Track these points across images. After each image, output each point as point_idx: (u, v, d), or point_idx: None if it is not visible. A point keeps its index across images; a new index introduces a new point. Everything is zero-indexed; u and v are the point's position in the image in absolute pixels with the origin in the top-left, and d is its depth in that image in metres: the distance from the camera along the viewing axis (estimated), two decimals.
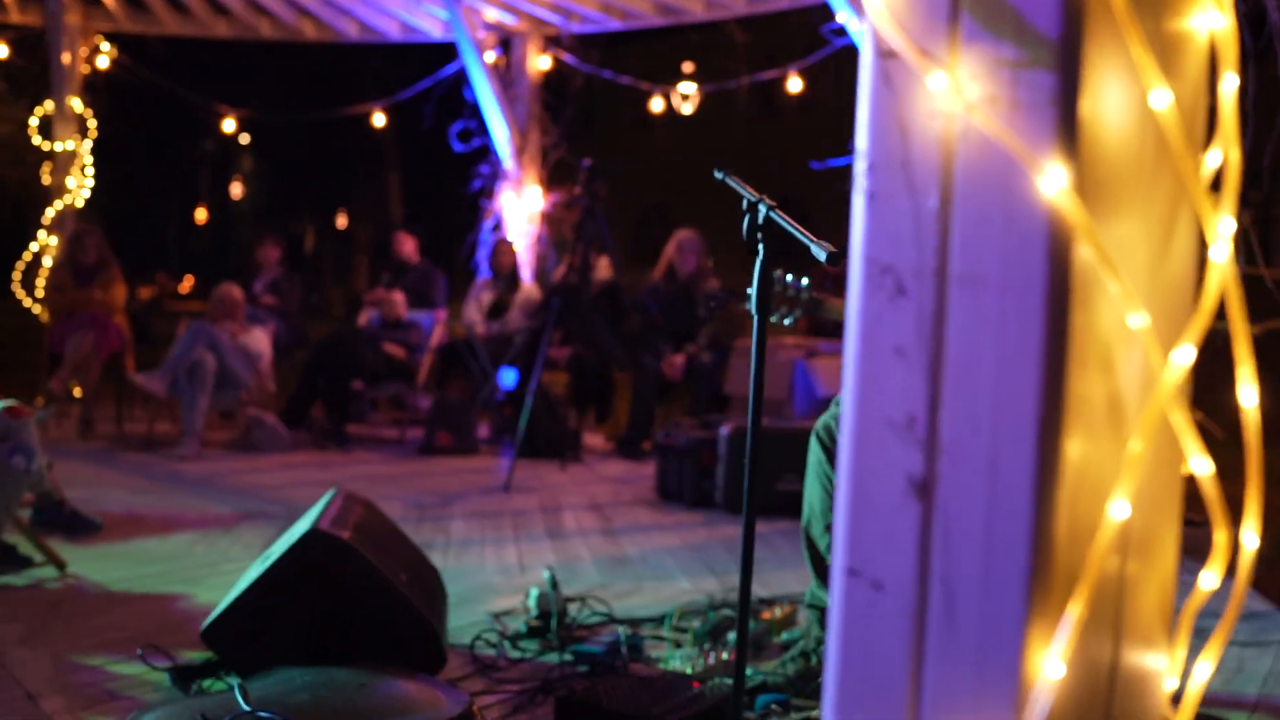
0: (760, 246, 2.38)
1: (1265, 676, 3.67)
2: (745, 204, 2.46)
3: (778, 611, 3.97)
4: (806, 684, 3.28)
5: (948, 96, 1.44)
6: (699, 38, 11.83)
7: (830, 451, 3.28)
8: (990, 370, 1.45)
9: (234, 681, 2.96)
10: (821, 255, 2.24)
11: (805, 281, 3.34)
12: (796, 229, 2.38)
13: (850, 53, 9.54)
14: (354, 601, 3.07)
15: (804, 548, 3.36)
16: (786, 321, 3.36)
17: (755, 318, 2.39)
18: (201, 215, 45.02)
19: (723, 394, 8.55)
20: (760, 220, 2.39)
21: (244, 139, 37.89)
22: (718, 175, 2.77)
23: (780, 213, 2.38)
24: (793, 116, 30.99)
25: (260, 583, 3.07)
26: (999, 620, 1.45)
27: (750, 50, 10.28)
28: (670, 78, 11.42)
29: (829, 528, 3.30)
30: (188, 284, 22.99)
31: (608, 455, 8.49)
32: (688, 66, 11.97)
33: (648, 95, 10.90)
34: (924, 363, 1.48)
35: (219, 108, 11.73)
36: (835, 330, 9.25)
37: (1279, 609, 4.55)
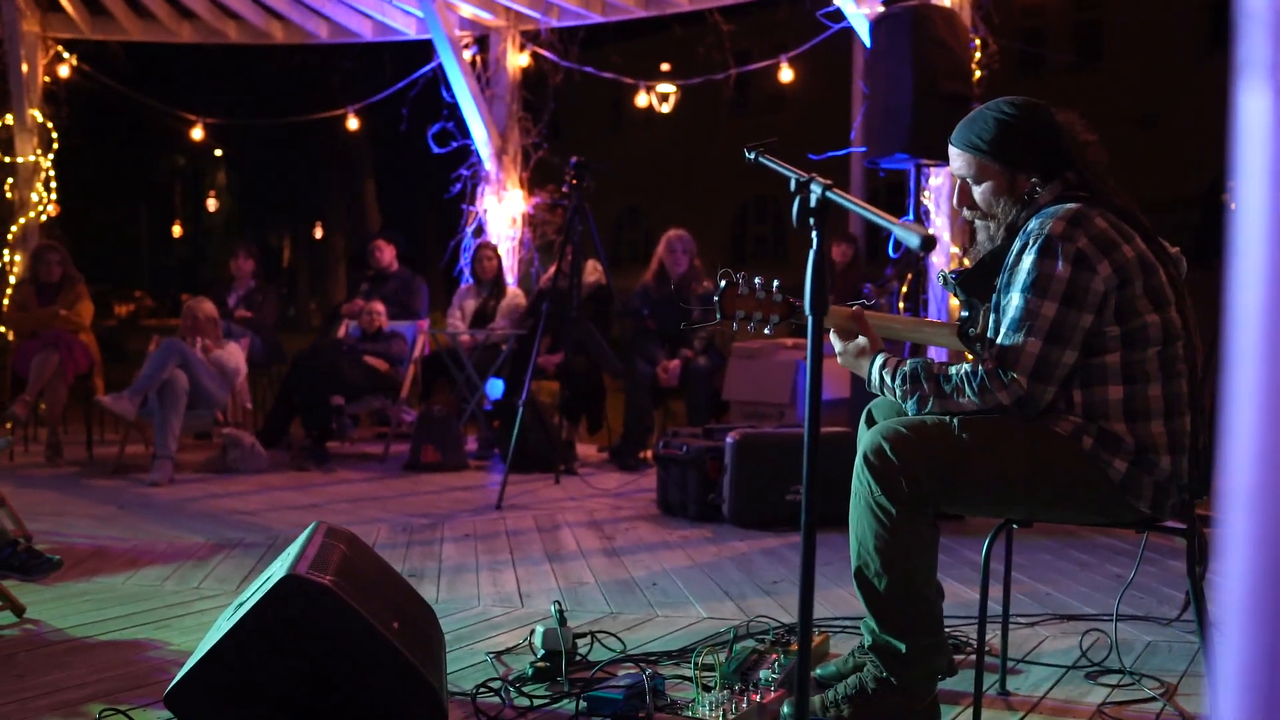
0: (815, 235, 2.00)
1: None
2: (794, 184, 2.08)
3: None
4: None
5: None
6: (679, 35, 11.50)
7: (887, 477, 2.89)
8: None
9: None
10: (914, 241, 1.87)
11: (777, 284, 2.99)
12: (870, 210, 2.01)
13: (842, 40, 9.26)
14: (339, 656, 2.69)
15: (858, 591, 2.99)
16: (766, 331, 3.02)
17: (810, 318, 2.02)
18: (176, 230, 44.52)
19: (721, 400, 8.20)
20: (814, 203, 2.02)
21: (217, 151, 37.49)
22: (749, 155, 2.40)
23: (840, 192, 2.01)
24: (769, 114, 30.69)
25: (231, 637, 2.68)
26: None
27: (733, 43, 9.94)
28: (650, 77, 11.06)
29: (886, 567, 2.92)
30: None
31: (602, 466, 8.12)
32: (665, 66, 11.62)
33: (621, 96, 10.57)
34: None
35: (186, 115, 11.30)
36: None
37: None
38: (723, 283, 3.01)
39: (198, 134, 11.31)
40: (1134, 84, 25.04)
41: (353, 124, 11.17)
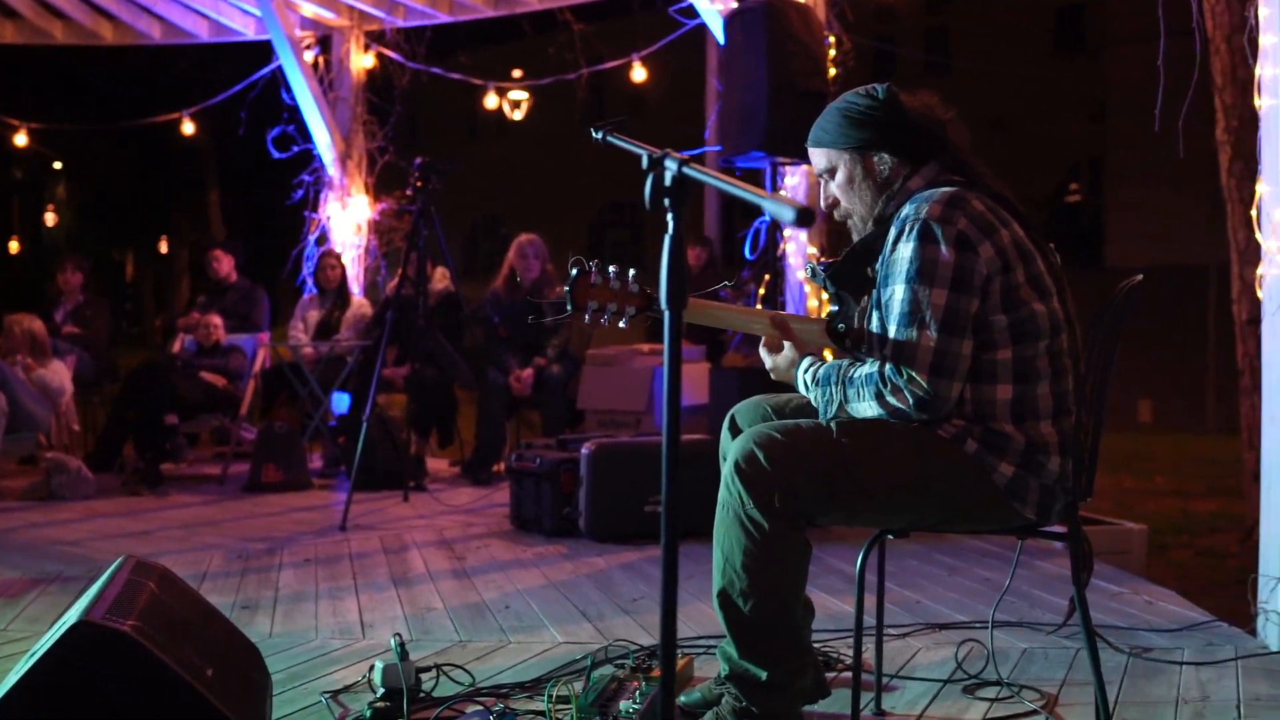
0: (671, 219, 1.76)
1: (1239, 704, 3.18)
2: (646, 161, 1.83)
3: None
4: None
5: None
6: (530, 39, 11.27)
7: (760, 488, 2.65)
8: None
9: None
10: (788, 214, 1.63)
11: (633, 273, 2.76)
12: (738, 185, 1.77)
13: (696, 37, 9.09)
14: (142, 711, 2.37)
15: (720, 613, 2.75)
16: (622, 324, 2.78)
17: (667, 312, 1.77)
18: (13, 245, 42.84)
19: (576, 409, 7.96)
20: (670, 181, 1.77)
21: (56, 164, 36.13)
22: (596, 134, 2.16)
23: (700, 167, 1.77)
24: (625, 118, 30.57)
25: (17, 693, 2.35)
26: None
27: (586, 45, 9.74)
28: (502, 82, 10.79)
29: (754, 586, 2.68)
30: None
31: (454, 482, 7.81)
32: (517, 72, 11.37)
33: (476, 103, 10.28)
34: None
35: (9, 120, 10.67)
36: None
37: (1218, 619, 4.12)
38: (574, 271, 2.75)
39: (21, 140, 10.68)
40: (983, 88, 25.48)
41: (188, 128, 10.66)
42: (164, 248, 34.58)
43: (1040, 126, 24.84)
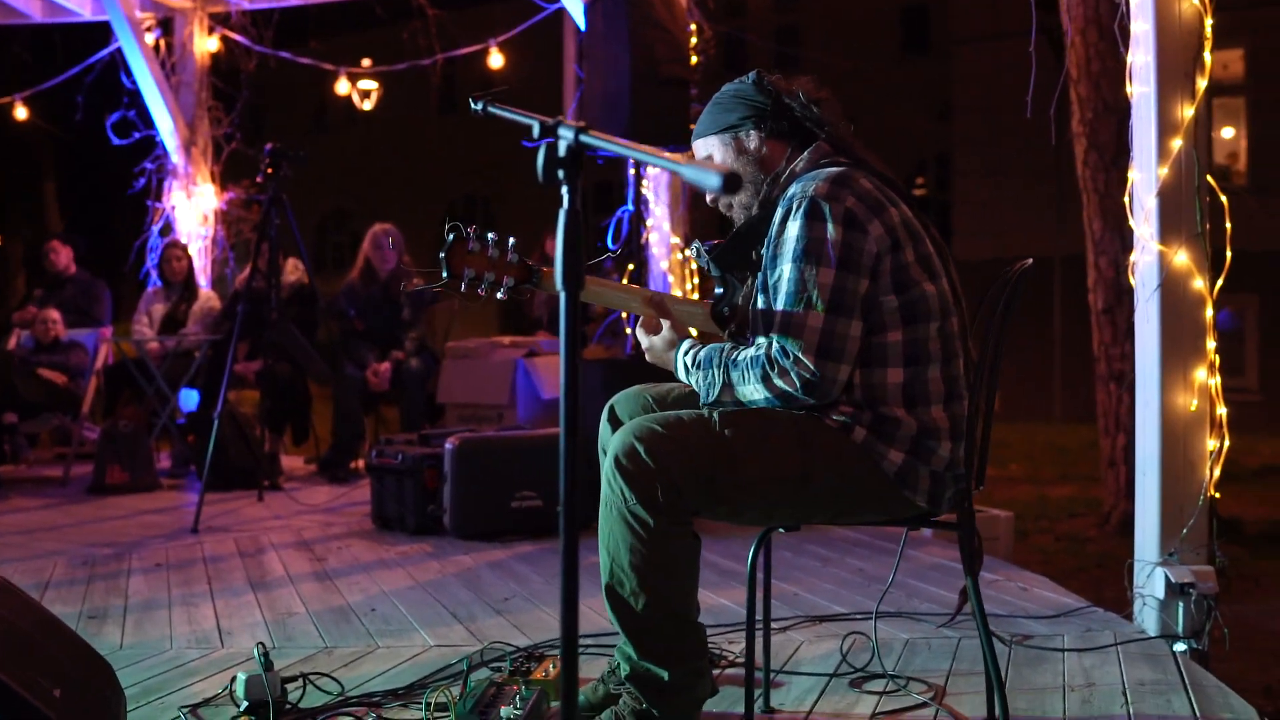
0: (565, 192, 1.62)
1: (1124, 689, 3.15)
2: (537, 130, 1.69)
3: (551, 669, 3.22)
4: None
5: None
6: (383, 25, 10.98)
7: (642, 484, 2.52)
8: None
9: None
10: (713, 181, 1.50)
11: (513, 241, 2.63)
12: (649, 152, 1.64)
13: (554, 23, 8.93)
14: None
15: (611, 612, 2.61)
16: (500, 295, 2.65)
17: (563, 292, 1.63)
18: None
19: (436, 403, 7.77)
20: (565, 151, 1.63)
21: None
22: (475, 106, 2.01)
23: (597, 133, 1.63)
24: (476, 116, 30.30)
25: None
26: None
27: (440, 32, 9.52)
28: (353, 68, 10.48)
29: (644, 585, 2.56)
30: None
31: (310, 480, 7.56)
32: (367, 61, 11.08)
33: (326, 94, 9.99)
34: None
35: None
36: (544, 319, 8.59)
37: (1093, 605, 4.12)
38: (450, 236, 2.59)
39: None
40: (832, 85, 25.75)
41: (21, 114, 10.14)
42: None
43: (888, 123, 25.20)
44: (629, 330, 6.91)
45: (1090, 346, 7.67)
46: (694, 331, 2.90)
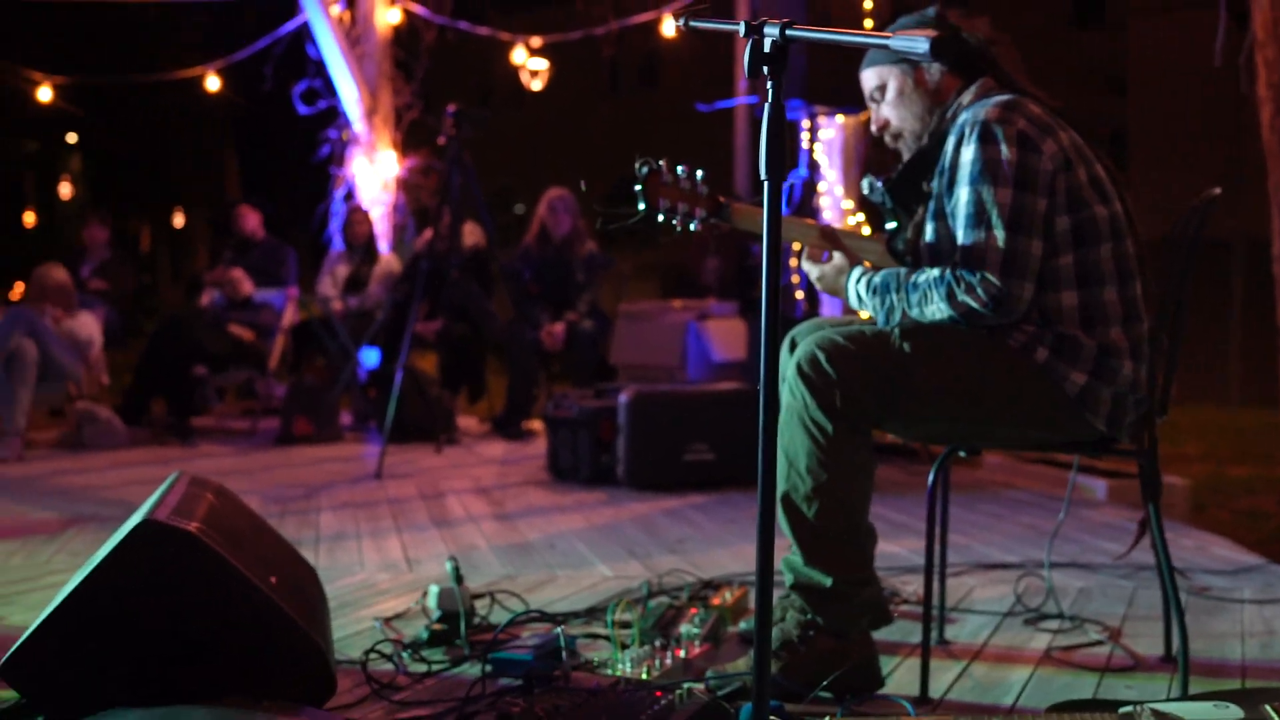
0: (770, 87, 1.69)
1: None
2: (744, 30, 1.76)
3: (728, 596, 3.30)
4: (799, 678, 2.61)
5: None
6: (556, 9, 11.14)
7: (822, 390, 2.59)
8: None
9: None
10: (921, 45, 1.56)
11: (701, 174, 2.69)
12: (854, 33, 1.70)
13: None
14: (207, 614, 2.31)
15: (784, 518, 2.67)
16: (692, 227, 2.71)
17: (766, 182, 1.70)
18: (29, 218, 42.83)
19: (607, 364, 7.89)
20: (768, 48, 1.70)
21: (70, 136, 36.05)
22: (678, 22, 2.08)
23: (803, 26, 1.69)
24: (646, 87, 30.50)
25: (79, 595, 2.29)
26: None
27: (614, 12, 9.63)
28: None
29: (818, 490, 2.62)
30: (18, 290, 21.56)
31: (485, 437, 7.76)
32: (537, 41, 11.27)
33: (494, 75, 10.18)
34: None
35: (32, 75, 10.55)
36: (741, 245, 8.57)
37: (1272, 561, 4.05)
38: (644, 169, 2.67)
39: (45, 95, 10.56)
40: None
41: (213, 84, 10.54)
42: (179, 220, 34.47)
43: (1059, 98, 24.65)
44: (796, 279, 6.93)
45: (1272, 324, 7.43)
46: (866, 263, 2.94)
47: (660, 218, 2.68)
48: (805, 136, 7.03)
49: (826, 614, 2.65)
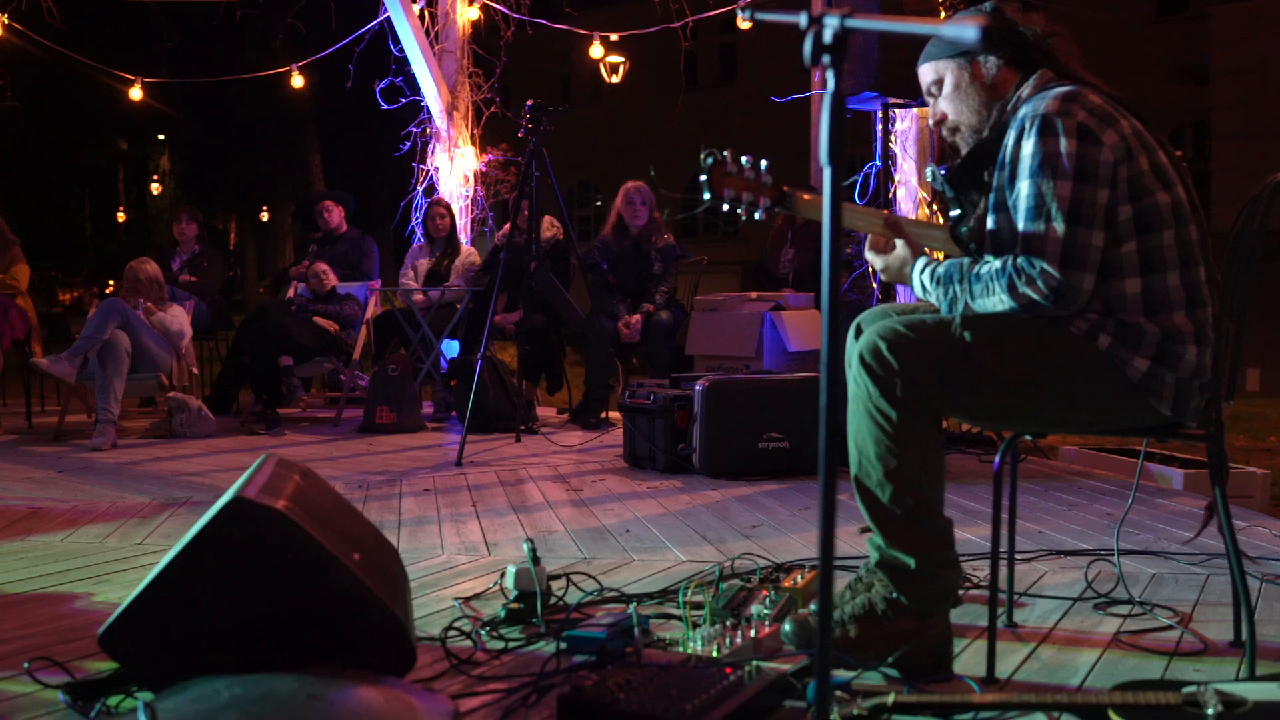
0: (831, 75, 1.74)
1: None
2: (805, 21, 1.82)
3: (799, 579, 3.36)
4: (868, 652, 2.68)
5: None
6: (632, 5, 11.20)
7: (884, 379, 2.64)
8: None
9: (142, 700, 2.31)
10: (972, 33, 1.61)
11: (765, 164, 2.74)
12: (909, 22, 1.76)
13: None
14: (293, 588, 2.42)
15: (860, 503, 2.73)
16: (757, 215, 2.76)
17: (827, 169, 1.76)
18: (120, 215, 43.71)
19: (684, 354, 7.96)
20: (829, 39, 1.76)
21: (160, 135, 36.76)
22: (744, 14, 2.16)
23: (863, 14, 1.75)
24: (721, 85, 30.48)
25: (172, 569, 2.41)
26: None
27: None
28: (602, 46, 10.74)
29: (889, 475, 2.67)
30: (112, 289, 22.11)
31: (563, 427, 7.86)
32: (614, 36, 11.34)
33: (572, 71, 10.30)
34: None
35: (124, 75, 10.83)
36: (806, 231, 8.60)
37: None
38: (709, 160, 2.73)
39: (136, 94, 10.84)
40: (1080, 47, 24.89)
41: (298, 82, 10.75)
42: (265, 215, 35.03)
43: (1141, 88, 24.29)
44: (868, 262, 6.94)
45: None
46: (939, 257, 2.98)
47: (725, 206, 2.74)
48: (880, 128, 7.04)
49: (911, 595, 2.70)
